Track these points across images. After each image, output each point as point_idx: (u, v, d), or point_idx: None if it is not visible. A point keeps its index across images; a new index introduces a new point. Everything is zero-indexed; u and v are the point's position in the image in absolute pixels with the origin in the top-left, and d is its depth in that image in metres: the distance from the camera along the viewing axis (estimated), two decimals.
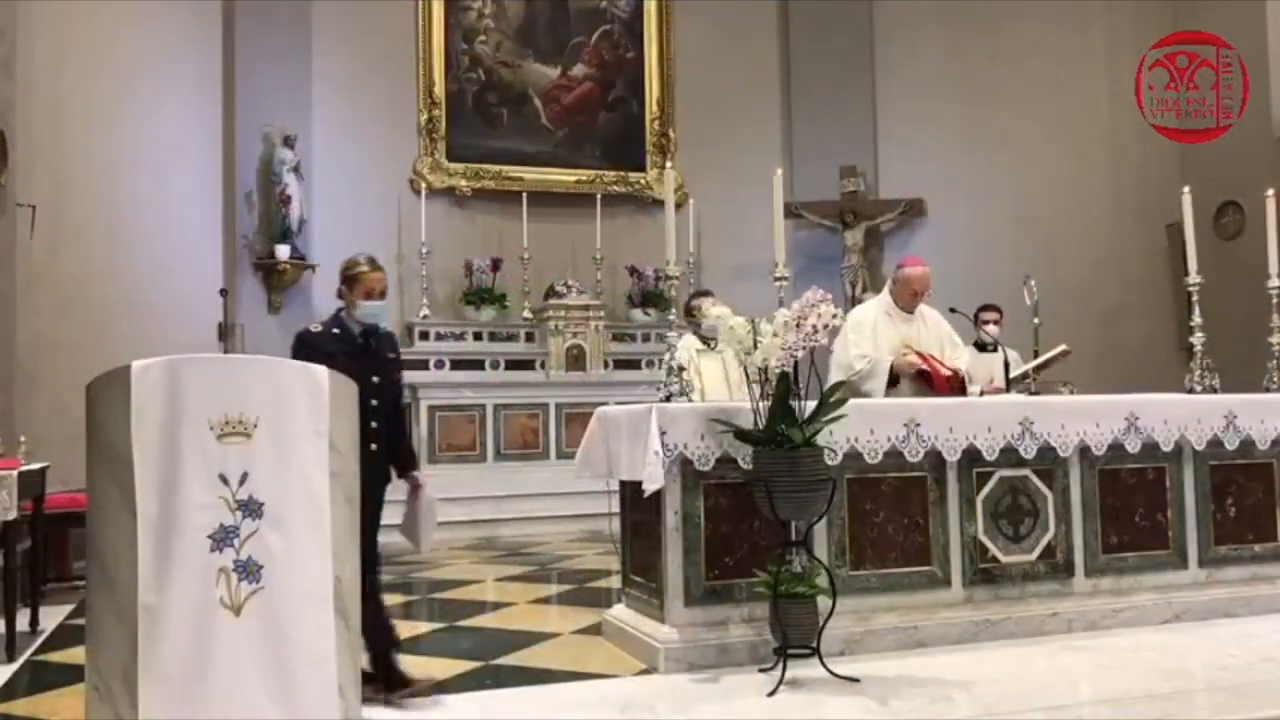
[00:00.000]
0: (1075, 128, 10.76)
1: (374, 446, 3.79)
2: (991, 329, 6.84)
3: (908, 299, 5.77)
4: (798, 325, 4.04)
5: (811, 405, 4.23)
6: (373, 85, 10.55)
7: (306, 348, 3.83)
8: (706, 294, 6.59)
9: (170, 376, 2.87)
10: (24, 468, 5.04)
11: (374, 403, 3.82)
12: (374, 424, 3.81)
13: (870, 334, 5.65)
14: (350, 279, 4.04)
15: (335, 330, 4.00)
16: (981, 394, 5.76)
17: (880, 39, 11.64)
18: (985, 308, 7.07)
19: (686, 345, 5.85)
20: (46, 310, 6.95)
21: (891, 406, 4.86)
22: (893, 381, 5.52)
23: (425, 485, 4.20)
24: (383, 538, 3.98)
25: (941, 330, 5.86)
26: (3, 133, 6.41)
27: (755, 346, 4.17)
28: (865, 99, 11.57)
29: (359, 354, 3.90)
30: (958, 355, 5.82)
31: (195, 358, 3.01)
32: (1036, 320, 6.51)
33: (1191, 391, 5.43)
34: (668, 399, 4.50)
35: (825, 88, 11.51)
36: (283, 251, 9.84)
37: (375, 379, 3.86)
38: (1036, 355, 6.45)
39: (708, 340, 5.89)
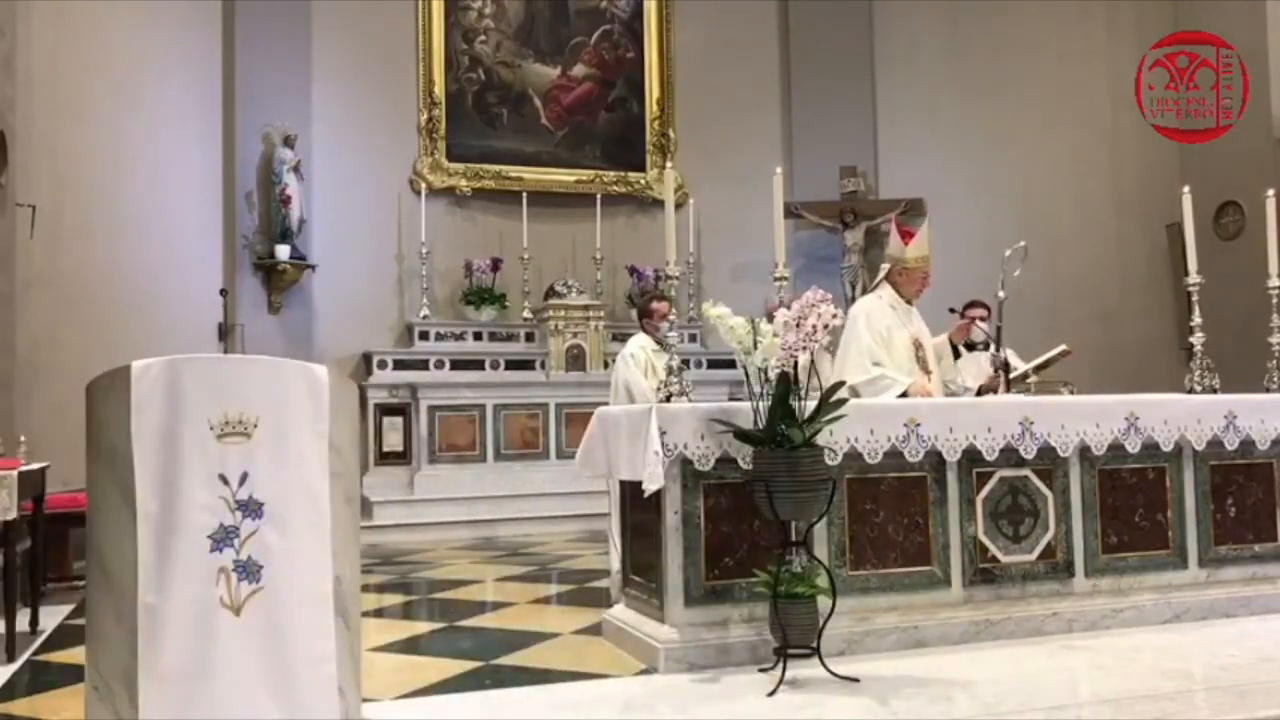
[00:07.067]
0: (1075, 127, 10.78)
1: None
2: (980, 325, 6.77)
3: (917, 288, 5.54)
4: (798, 325, 4.04)
5: (812, 405, 4.23)
6: (373, 85, 10.56)
7: None
8: (661, 297, 6.35)
9: (170, 376, 2.87)
10: (24, 468, 5.03)
11: None
12: None
13: (885, 336, 5.36)
14: None
15: None
16: (980, 392, 5.74)
17: (880, 38, 11.65)
18: (971, 304, 6.99)
19: (642, 344, 5.90)
20: (46, 310, 6.94)
21: (891, 406, 4.85)
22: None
23: None
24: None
25: (923, 325, 5.70)
26: (3, 133, 6.41)
27: (755, 346, 4.17)
28: (865, 98, 11.58)
29: None
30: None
31: (195, 358, 3.01)
32: (1002, 294, 6.11)
33: (1191, 391, 5.43)
34: (668, 399, 4.50)
35: (825, 87, 11.51)
36: (283, 251, 9.84)
37: None
38: (1000, 330, 6.33)
39: (661, 342, 5.84)
